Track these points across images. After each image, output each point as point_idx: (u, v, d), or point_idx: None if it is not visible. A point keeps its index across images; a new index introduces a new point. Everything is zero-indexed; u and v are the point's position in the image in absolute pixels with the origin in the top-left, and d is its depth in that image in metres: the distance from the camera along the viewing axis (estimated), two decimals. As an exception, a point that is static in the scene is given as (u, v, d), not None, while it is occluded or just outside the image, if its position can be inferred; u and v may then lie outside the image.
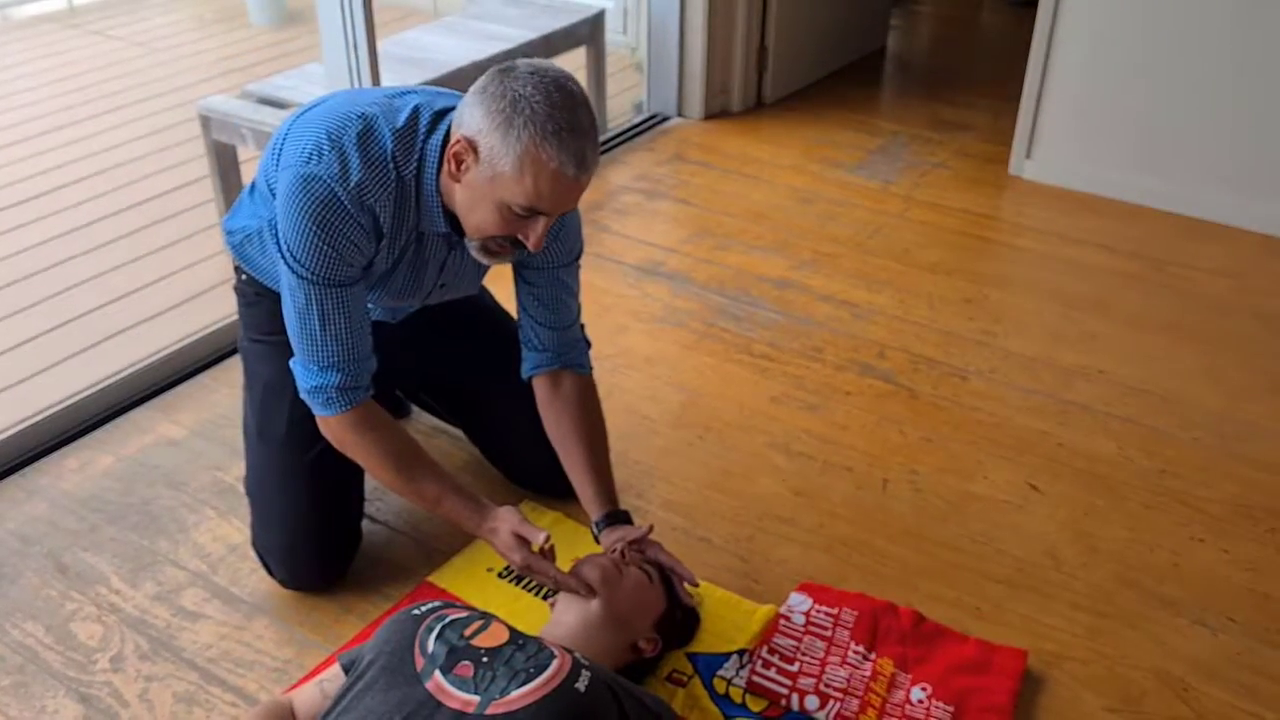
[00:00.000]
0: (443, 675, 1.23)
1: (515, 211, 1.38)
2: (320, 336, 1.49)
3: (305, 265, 1.46)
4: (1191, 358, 2.33)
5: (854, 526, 1.86)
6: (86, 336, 2.48)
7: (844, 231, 2.85)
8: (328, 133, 1.44)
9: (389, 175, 1.44)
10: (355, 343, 1.51)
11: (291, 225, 1.44)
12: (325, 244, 1.44)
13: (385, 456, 1.55)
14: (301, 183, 1.42)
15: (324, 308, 1.48)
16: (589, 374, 1.74)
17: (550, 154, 1.32)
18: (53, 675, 1.58)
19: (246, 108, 2.60)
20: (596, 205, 2.99)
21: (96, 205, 3.10)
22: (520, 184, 1.35)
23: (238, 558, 1.79)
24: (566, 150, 1.33)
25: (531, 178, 1.34)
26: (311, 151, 1.43)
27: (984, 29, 4.70)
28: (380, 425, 1.56)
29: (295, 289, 1.48)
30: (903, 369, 2.29)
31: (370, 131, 1.44)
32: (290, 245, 1.46)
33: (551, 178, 1.34)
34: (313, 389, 1.53)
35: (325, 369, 1.51)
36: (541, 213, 1.39)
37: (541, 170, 1.33)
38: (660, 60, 3.46)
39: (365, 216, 1.45)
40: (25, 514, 1.89)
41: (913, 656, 1.59)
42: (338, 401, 1.52)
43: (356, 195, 1.43)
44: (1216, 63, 2.77)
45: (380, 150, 1.44)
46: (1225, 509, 1.91)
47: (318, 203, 1.42)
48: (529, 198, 1.36)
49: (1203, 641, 1.65)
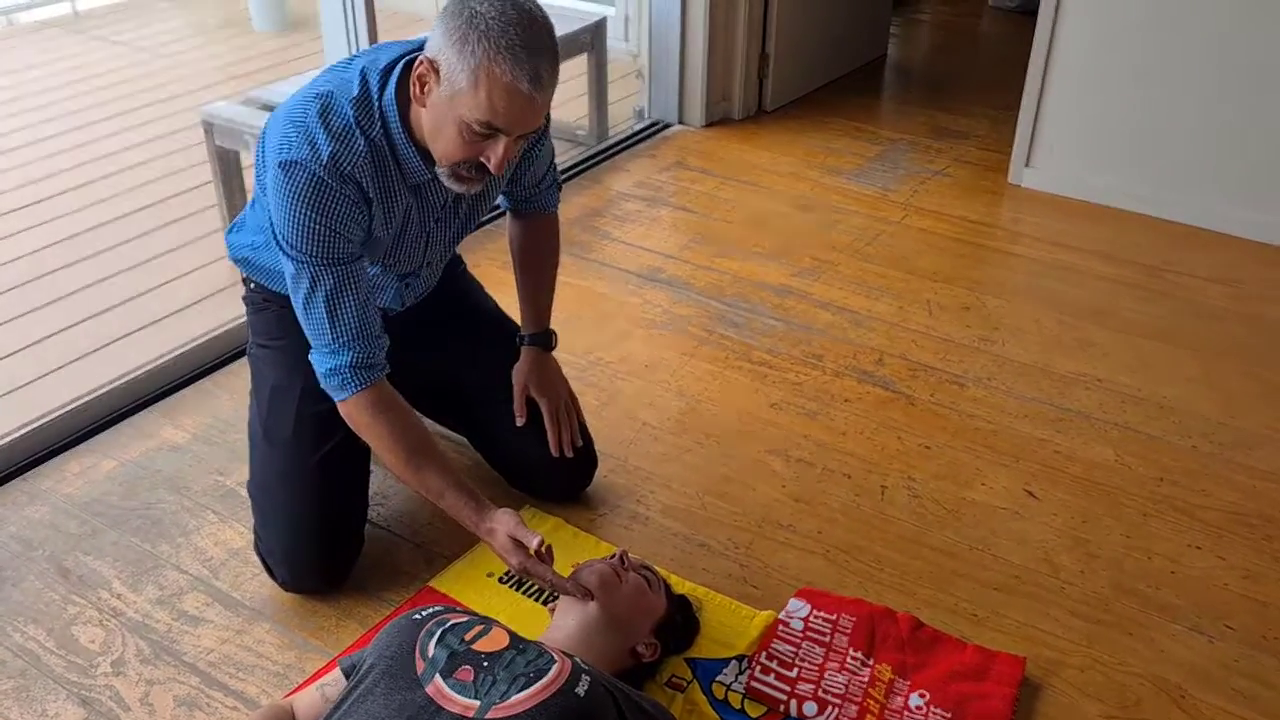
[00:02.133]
0: (443, 679, 1.24)
1: (475, 130, 1.41)
2: (329, 318, 1.52)
3: (303, 249, 1.49)
4: (1189, 366, 2.34)
5: (852, 533, 1.87)
6: (89, 341, 2.48)
7: (843, 239, 2.87)
8: (291, 120, 1.48)
9: (356, 142, 1.48)
10: (364, 320, 1.54)
11: (283, 214, 1.49)
12: (317, 224, 1.48)
13: (396, 442, 1.56)
14: (281, 172, 1.47)
15: (328, 288, 1.51)
16: (553, 212, 1.91)
17: (504, 68, 1.35)
18: (54, 679, 1.59)
19: (249, 114, 2.61)
20: (597, 212, 3.01)
21: (100, 210, 3.11)
22: (475, 98, 1.38)
23: (239, 562, 1.79)
24: (520, 65, 1.35)
25: (485, 91, 1.37)
26: (282, 142, 1.48)
27: (984, 38, 4.71)
28: (395, 409, 1.58)
29: (299, 276, 1.52)
30: (901, 376, 2.29)
31: (329, 108, 1.48)
32: (285, 234, 1.50)
33: (505, 91, 1.36)
34: (328, 371, 1.55)
35: (338, 350, 1.53)
36: (499, 129, 1.41)
37: (495, 84, 1.36)
38: (661, 67, 3.48)
39: (349, 187, 1.49)
40: (27, 518, 1.89)
41: (911, 663, 1.59)
42: (353, 381, 1.54)
43: (333, 168, 1.46)
44: (1214, 72, 2.78)
45: (342, 121, 1.48)
46: (1222, 516, 1.91)
47: (300, 186, 1.46)
48: (484, 112, 1.38)
49: (1200, 648, 1.66)
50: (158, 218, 3.06)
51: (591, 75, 3.38)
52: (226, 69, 4.26)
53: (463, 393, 1.92)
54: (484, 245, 2.66)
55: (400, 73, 1.49)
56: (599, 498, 1.94)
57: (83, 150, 3.50)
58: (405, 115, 1.49)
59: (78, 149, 3.51)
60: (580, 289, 2.60)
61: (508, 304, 2.00)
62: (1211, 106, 2.81)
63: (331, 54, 2.47)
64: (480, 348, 1.90)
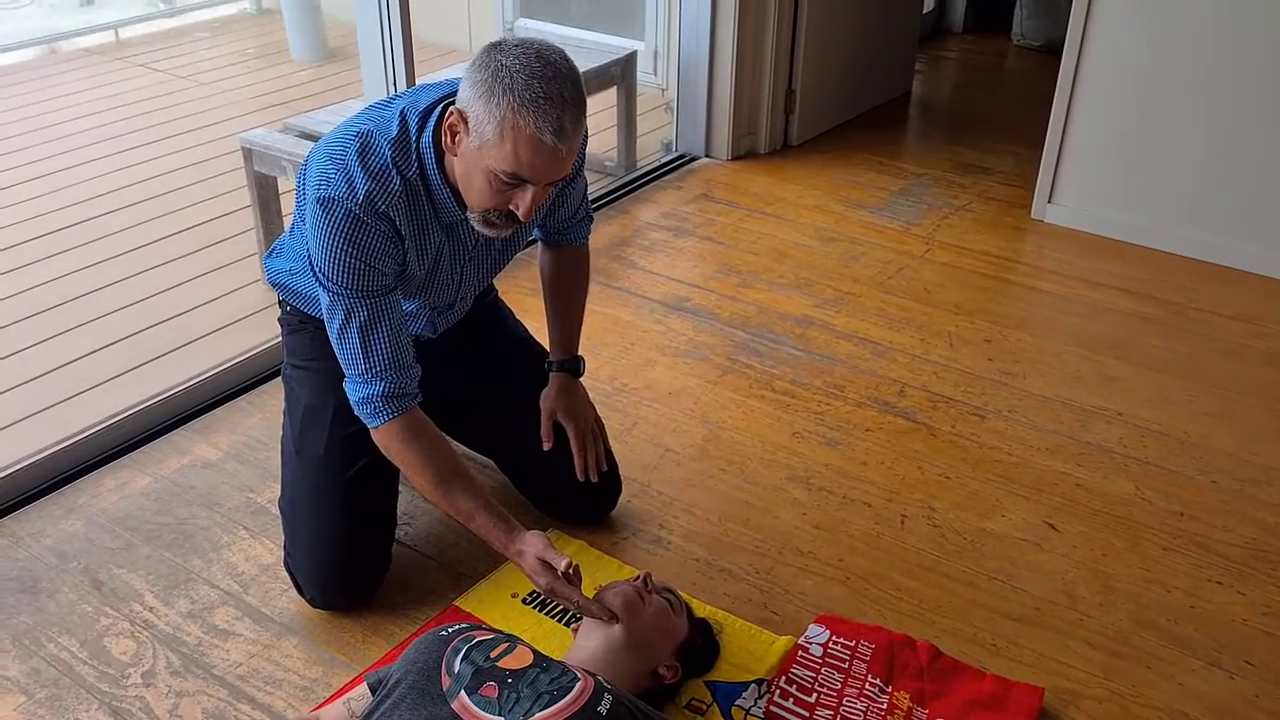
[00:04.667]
0: (468, 695, 1.26)
1: (503, 179, 1.45)
2: (362, 348, 1.57)
3: (338, 282, 1.54)
4: (1210, 401, 2.34)
5: (872, 561, 1.89)
6: (126, 360, 2.53)
7: (866, 271, 2.89)
8: (331, 157, 1.54)
9: (392, 181, 1.53)
10: (396, 351, 1.58)
11: (320, 248, 1.54)
12: (353, 258, 1.53)
13: (426, 467, 1.60)
14: (319, 208, 1.52)
15: (362, 320, 1.56)
16: (584, 243, 1.95)
17: (526, 120, 1.39)
18: (86, 689, 1.62)
19: (287, 141, 2.67)
20: (624, 241, 3.05)
21: (140, 232, 3.18)
22: (501, 150, 1.42)
23: (269, 578, 1.83)
24: (544, 117, 1.38)
25: (511, 144, 1.41)
26: (320, 179, 1.53)
27: (1008, 75, 4.74)
28: (426, 435, 1.62)
29: (334, 307, 1.57)
30: (922, 407, 2.31)
31: (367, 146, 1.53)
32: (322, 267, 1.55)
33: (529, 143, 1.40)
34: (361, 400, 1.59)
35: (370, 380, 1.58)
36: (526, 180, 1.45)
37: (519, 136, 1.40)
38: (689, 101, 3.53)
39: (383, 223, 1.53)
40: (63, 531, 1.93)
41: (929, 691, 1.60)
42: (385, 410, 1.59)
43: (368, 205, 1.51)
44: (1237, 110, 2.80)
45: (380, 160, 1.52)
46: (1243, 552, 1.92)
47: (337, 222, 1.51)
48: (510, 163, 1.42)
49: (1219, 683, 1.66)
50: (196, 241, 3.12)
51: (621, 108, 3.44)
52: (265, 97, 4.35)
53: (491, 417, 1.95)
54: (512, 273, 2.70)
55: (438, 116, 1.53)
56: (622, 522, 1.96)
57: (124, 174, 3.58)
58: (441, 157, 1.54)
59: (119, 172, 3.60)
60: (606, 316, 2.64)
61: (535, 328, 2.04)
62: (1235, 145, 2.83)
63: (369, 85, 2.53)
64: (509, 373, 1.94)
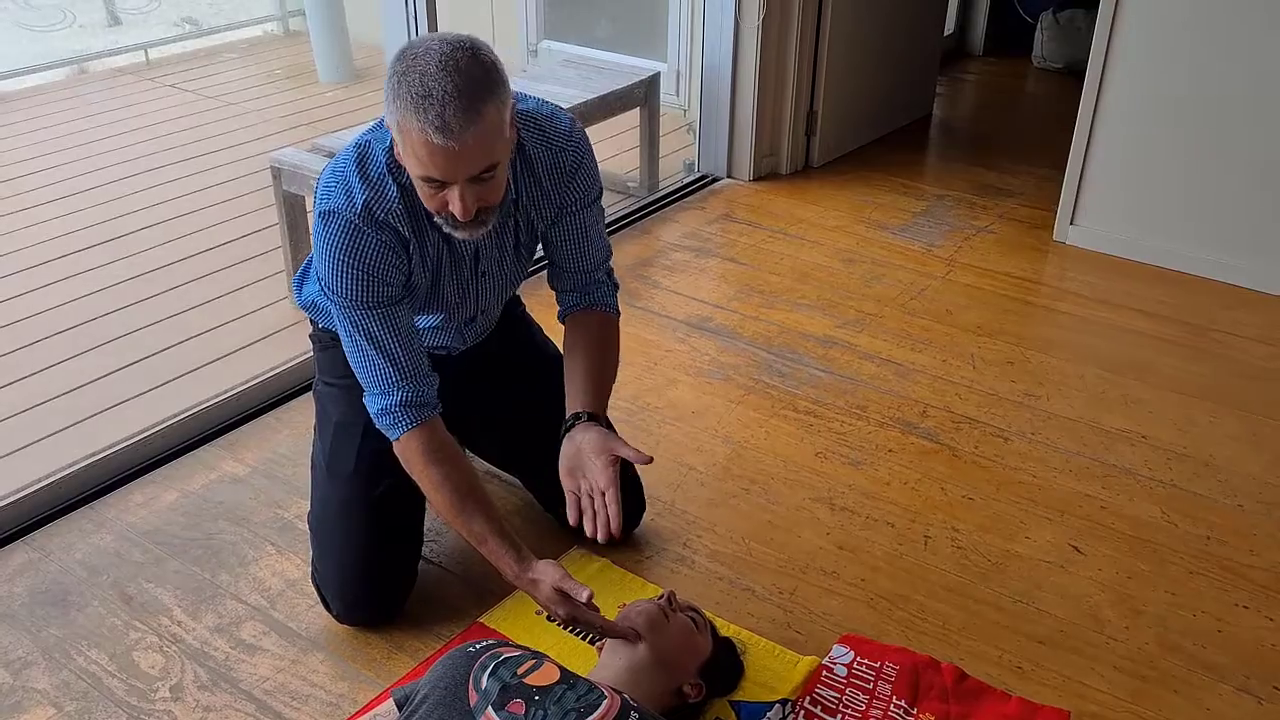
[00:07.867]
0: (495, 712, 1.26)
1: (424, 182, 1.43)
2: (376, 360, 1.58)
3: (345, 295, 1.55)
4: (1233, 424, 2.33)
5: (895, 581, 1.89)
6: (155, 376, 2.56)
7: (888, 292, 2.90)
8: (333, 171, 1.55)
9: (389, 188, 1.53)
10: (409, 360, 1.59)
11: (323, 261, 1.55)
12: (356, 269, 1.53)
13: (443, 484, 1.59)
14: (320, 222, 1.53)
15: (372, 331, 1.56)
16: (614, 314, 1.81)
17: (411, 121, 1.35)
18: (115, 702, 1.63)
19: (315, 160, 2.70)
20: (646, 261, 3.07)
21: (169, 250, 3.22)
22: (408, 155, 1.41)
23: (296, 593, 1.84)
24: (424, 116, 1.34)
25: (410, 147, 1.40)
26: (322, 193, 1.55)
27: (1029, 97, 4.75)
28: (446, 450, 1.61)
29: (344, 321, 1.58)
30: (945, 428, 2.31)
31: (365, 156, 1.54)
32: (327, 280, 1.56)
33: (423, 144, 1.36)
34: (379, 412, 1.60)
35: (388, 390, 1.59)
36: (442, 181, 1.41)
37: (410, 139, 1.38)
38: (711, 123, 3.56)
39: (384, 232, 1.53)
40: (93, 545, 1.96)
41: (955, 713, 1.60)
42: (404, 420, 1.59)
43: (367, 214, 1.52)
44: (1260, 132, 2.80)
45: (376, 168, 1.53)
46: (1270, 576, 1.90)
47: (335, 234, 1.52)
48: (418, 166, 1.41)
49: (1248, 709, 1.64)
50: (225, 258, 3.16)
51: (643, 129, 3.47)
52: (292, 118, 4.40)
53: (517, 434, 1.95)
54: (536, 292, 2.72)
55: None
56: (646, 540, 1.97)
57: (153, 192, 3.63)
58: None
59: (148, 190, 3.64)
60: (630, 335, 2.64)
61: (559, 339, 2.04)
62: (1256, 168, 2.83)
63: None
64: (535, 388, 1.94)
